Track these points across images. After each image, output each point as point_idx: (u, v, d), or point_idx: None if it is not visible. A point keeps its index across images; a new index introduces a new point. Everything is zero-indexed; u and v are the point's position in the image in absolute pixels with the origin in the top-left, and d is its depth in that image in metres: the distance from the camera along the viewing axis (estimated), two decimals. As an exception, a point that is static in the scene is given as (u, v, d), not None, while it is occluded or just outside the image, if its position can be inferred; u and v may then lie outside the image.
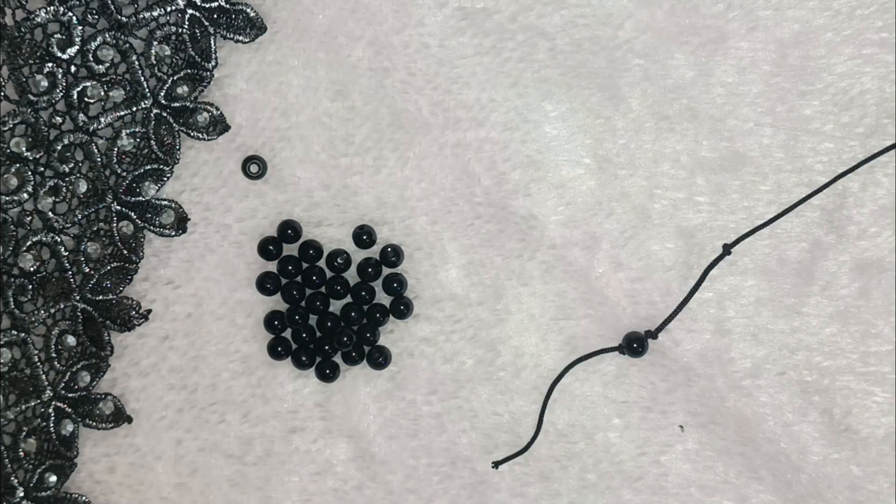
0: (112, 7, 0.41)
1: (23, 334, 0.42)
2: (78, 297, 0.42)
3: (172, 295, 0.43)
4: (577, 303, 0.43)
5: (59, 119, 0.42)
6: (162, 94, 0.42)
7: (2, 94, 0.41)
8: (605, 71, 0.42)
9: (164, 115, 0.42)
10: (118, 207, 0.42)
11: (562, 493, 0.43)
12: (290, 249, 0.43)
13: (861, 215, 0.42)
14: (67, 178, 0.42)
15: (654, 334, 0.42)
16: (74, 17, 0.41)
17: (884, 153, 0.39)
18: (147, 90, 0.42)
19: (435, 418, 0.43)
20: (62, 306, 0.42)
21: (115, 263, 0.42)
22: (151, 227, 0.42)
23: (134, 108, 0.42)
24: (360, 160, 0.43)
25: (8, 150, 0.41)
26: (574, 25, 0.42)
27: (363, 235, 0.43)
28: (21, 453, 0.42)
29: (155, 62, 0.42)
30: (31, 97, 0.41)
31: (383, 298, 0.43)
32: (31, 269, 0.42)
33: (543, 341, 0.43)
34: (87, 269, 0.42)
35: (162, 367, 0.43)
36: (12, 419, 0.42)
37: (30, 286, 0.42)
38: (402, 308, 0.43)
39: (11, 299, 0.42)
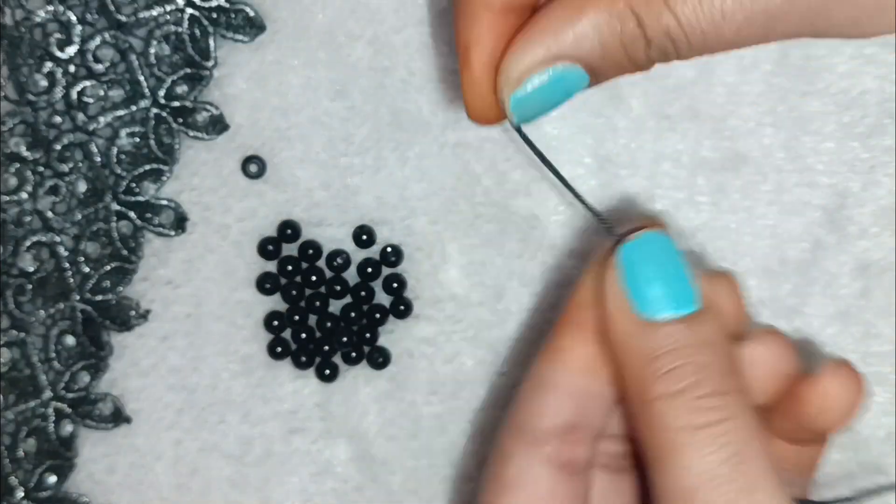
0: (111, 7, 0.41)
1: (22, 334, 0.42)
2: (77, 297, 0.42)
3: (172, 295, 0.43)
4: (577, 303, 0.43)
5: (58, 119, 0.42)
6: (161, 93, 0.42)
7: (2, 94, 0.41)
8: (605, 71, 0.42)
9: (164, 114, 0.42)
10: (117, 207, 0.42)
11: (562, 494, 0.43)
12: (290, 249, 0.43)
13: (862, 215, 0.42)
14: (67, 178, 0.42)
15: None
16: (74, 17, 0.41)
17: None
18: (146, 90, 0.42)
19: (435, 419, 0.43)
20: (61, 306, 0.42)
21: (114, 263, 0.42)
22: (151, 227, 0.42)
23: (133, 108, 0.42)
24: (360, 160, 0.43)
25: (7, 150, 0.41)
26: (575, 25, 0.42)
27: (363, 235, 0.43)
28: (21, 453, 0.42)
29: (154, 62, 0.42)
30: (31, 97, 0.41)
31: (383, 298, 0.43)
32: (31, 269, 0.42)
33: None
34: (87, 270, 0.42)
35: (162, 368, 0.43)
36: (12, 419, 0.42)
37: (29, 286, 0.42)
38: (402, 308, 0.43)
39: (11, 299, 0.42)
